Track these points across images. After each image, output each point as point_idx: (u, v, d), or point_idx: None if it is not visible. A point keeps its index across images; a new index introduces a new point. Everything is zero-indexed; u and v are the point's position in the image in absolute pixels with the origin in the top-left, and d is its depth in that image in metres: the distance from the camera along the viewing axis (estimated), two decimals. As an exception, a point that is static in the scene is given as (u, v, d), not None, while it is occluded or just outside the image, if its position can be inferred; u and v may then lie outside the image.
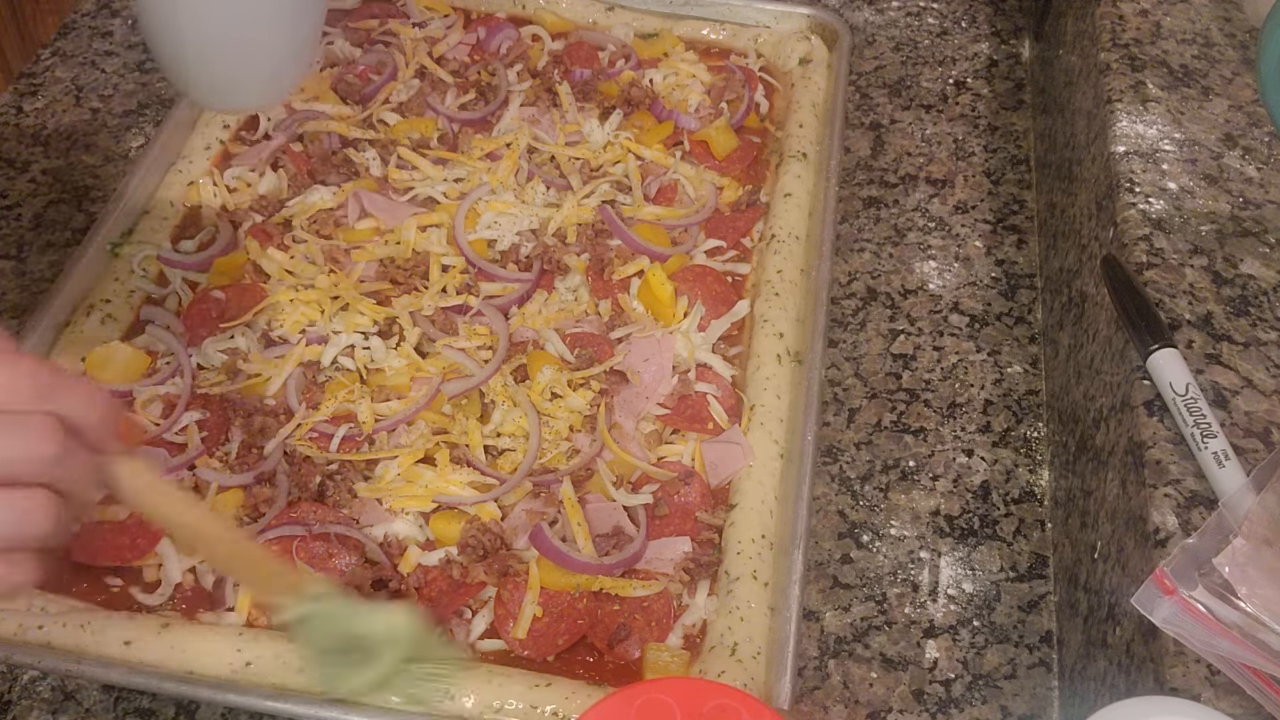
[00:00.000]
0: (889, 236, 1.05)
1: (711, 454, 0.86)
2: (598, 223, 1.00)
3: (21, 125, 1.14)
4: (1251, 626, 0.59)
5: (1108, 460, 0.75)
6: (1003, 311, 1.00)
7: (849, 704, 0.78)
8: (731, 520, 0.82)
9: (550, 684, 0.73)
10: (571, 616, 0.78)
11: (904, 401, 0.94)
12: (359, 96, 1.10)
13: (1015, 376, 0.95)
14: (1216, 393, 0.71)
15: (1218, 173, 0.84)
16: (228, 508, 0.83)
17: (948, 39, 1.23)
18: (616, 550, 0.80)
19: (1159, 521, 0.66)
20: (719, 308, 0.95)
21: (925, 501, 0.88)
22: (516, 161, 1.04)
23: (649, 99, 1.09)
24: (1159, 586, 0.60)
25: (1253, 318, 0.75)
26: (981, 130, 1.14)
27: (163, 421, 0.87)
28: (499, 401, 0.88)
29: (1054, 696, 0.78)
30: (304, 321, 0.92)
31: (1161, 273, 0.78)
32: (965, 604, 0.82)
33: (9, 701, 0.79)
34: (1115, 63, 0.91)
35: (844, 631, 0.81)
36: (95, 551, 0.81)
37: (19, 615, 0.76)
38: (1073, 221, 0.94)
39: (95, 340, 0.92)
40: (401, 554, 0.81)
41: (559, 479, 0.83)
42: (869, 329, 0.98)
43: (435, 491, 0.83)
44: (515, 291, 0.95)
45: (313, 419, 0.87)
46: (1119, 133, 0.86)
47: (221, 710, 0.78)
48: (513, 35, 1.16)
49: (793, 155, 1.04)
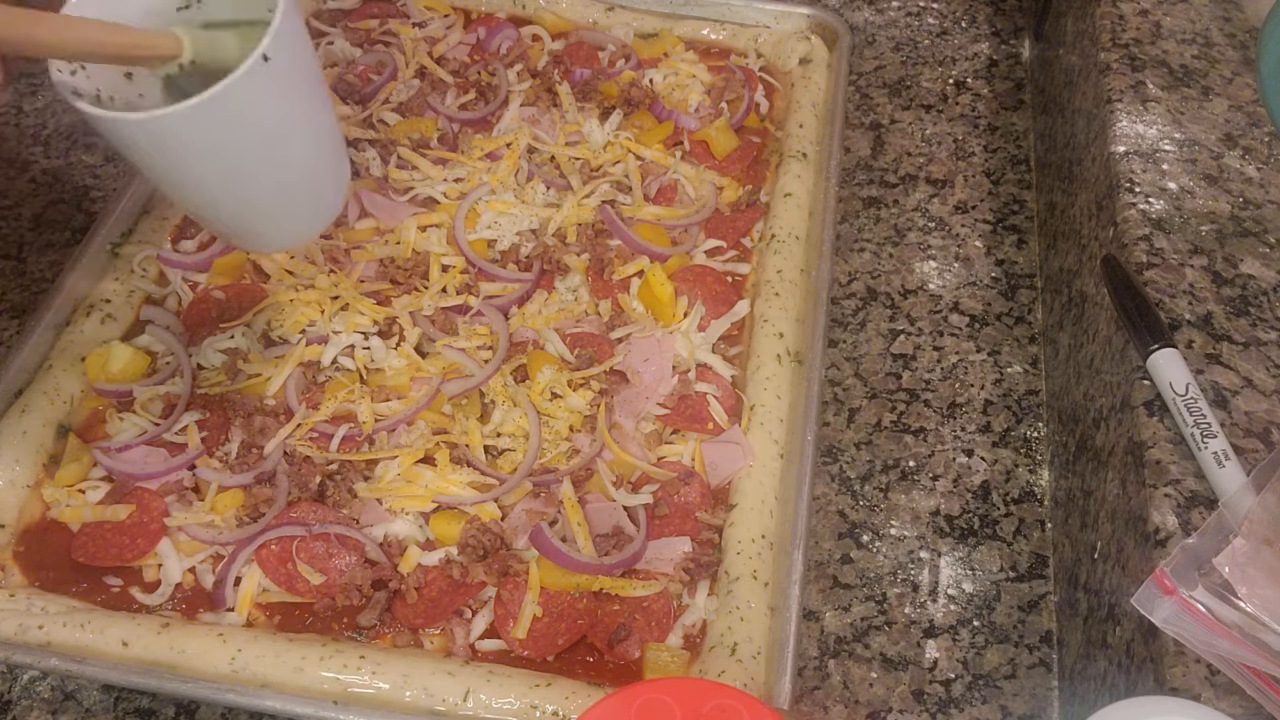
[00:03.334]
0: (889, 236, 1.05)
1: (711, 454, 0.86)
2: (598, 223, 1.00)
3: (21, 125, 1.14)
4: (1251, 626, 0.59)
5: (1108, 460, 0.75)
6: (1003, 311, 1.00)
7: (849, 704, 0.78)
8: (731, 520, 0.82)
9: (550, 684, 0.73)
10: (571, 616, 0.78)
11: (904, 401, 0.94)
12: (359, 96, 1.10)
13: (1015, 376, 0.95)
14: (1216, 393, 0.71)
15: (1218, 173, 0.84)
16: (228, 508, 0.83)
17: (948, 39, 1.23)
18: (616, 550, 0.80)
19: (1159, 521, 0.66)
20: (719, 308, 0.95)
21: (925, 501, 0.88)
22: (516, 161, 1.04)
23: (649, 99, 1.09)
24: (1159, 586, 0.60)
25: (1253, 318, 0.75)
26: (981, 130, 1.14)
27: (163, 421, 0.87)
28: (499, 401, 0.88)
29: (1054, 696, 0.78)
30: (304, 321, 0.92)
31: (1161, 273, 0.78)
32: (965, 604, 0.82)
33: (9, 701, 0.79)
34: (1115, 63, 0.91)
35: (844, 631, 0.81)
36: (95, 551, 0.81)
37: (19, 615, 0.76)
38: (1073, 221, 0.94)
39: (95, 340, 0.92)
40: (401, 554, 0.81)
41: (559, 479, 0.83)
42: (869, 329, 0.98)
43: (435, 491, 0.83)
44: (515, 291, 0.95)
45: (313, 419, 0.87)
46: (1119, 133, 0.86)
47: (221, 710, 0.78)
48: (513, 35, 1.16)
49: (793, 155, 1.04)
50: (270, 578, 0.80)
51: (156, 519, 0.82)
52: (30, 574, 0.81)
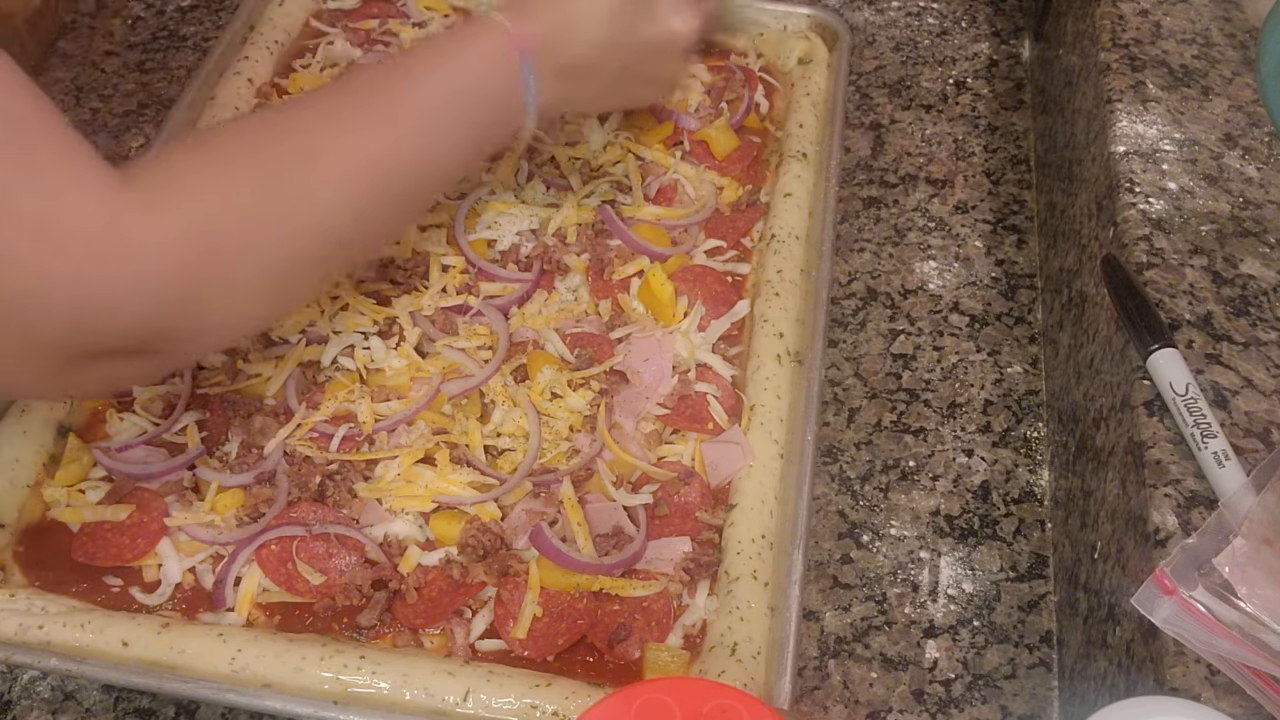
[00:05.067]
0: (889, 236, 1.05)
1: (711, 454, 0.86)
2: (598, 223, 1.00)
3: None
4: (1251, 626, 0.59)
5: (1108, 460, 0.75)
6: (1003, 311, 1.00)
7: (849, 704, 0.78)
8: (731, 520, 0.82)
9: (550, 684, 0.73)
10: (571, 616, 0.78)
11: (904, 401, 0.94)
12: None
13: (1015, 376, 0.95)
14: (1216, 393, 0.71)
15: (1218, 173, 0.84)
16: (228, 508, 0.83)
17: (948, 39, 1.23)
18: (616, 550, 0.80)
19: (1159, 521, 0.66)
20: (719, 308, 0.95)
21: (925, 501, 0.88)
22: (516, 161, 1.04)
23: (649, 99, 1.09)
24: (1159, 586, 0.60)
25: (1253, 318, 0.75)
26: (981, 130, 1.14)
27: (163, 421, 0.87)
28: (499, 401, 0.88)
29: (1054, 696, 0.78)
30: (304, 321, 0.92)
31: (1161, 273, 0.78)
32: (965, 604, 0.82)
33: (9, 701, 0.79)
34: (1115, 63, 0.91)
35: (844, 631, 0.81)
36: (95, 552, 0.81)
37: (19, 615, 0.76)
38: (1073, 221, 0.94)
39: (95, 340, 0.92)
40: (401, 554, 0.81)
41: (559, 479, 0.83)
42: (869, 329, 0.98)
43: (435, 491, 0.83)
44: (515, 291, 0.95)
45: (313, 419, 0.87)
46: (1119, 133, 0.86)
47: (221, 710, 0.78)
48: (513, 35, 1.16)
49: (793, 155, 1.04)
50: (270, 578, 0.80)
51: (156, 519, 0.82)
52: (30, 574, 0.81)
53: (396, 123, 0.75)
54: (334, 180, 0.72)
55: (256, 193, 0.69)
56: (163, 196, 0.65)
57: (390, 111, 0.75)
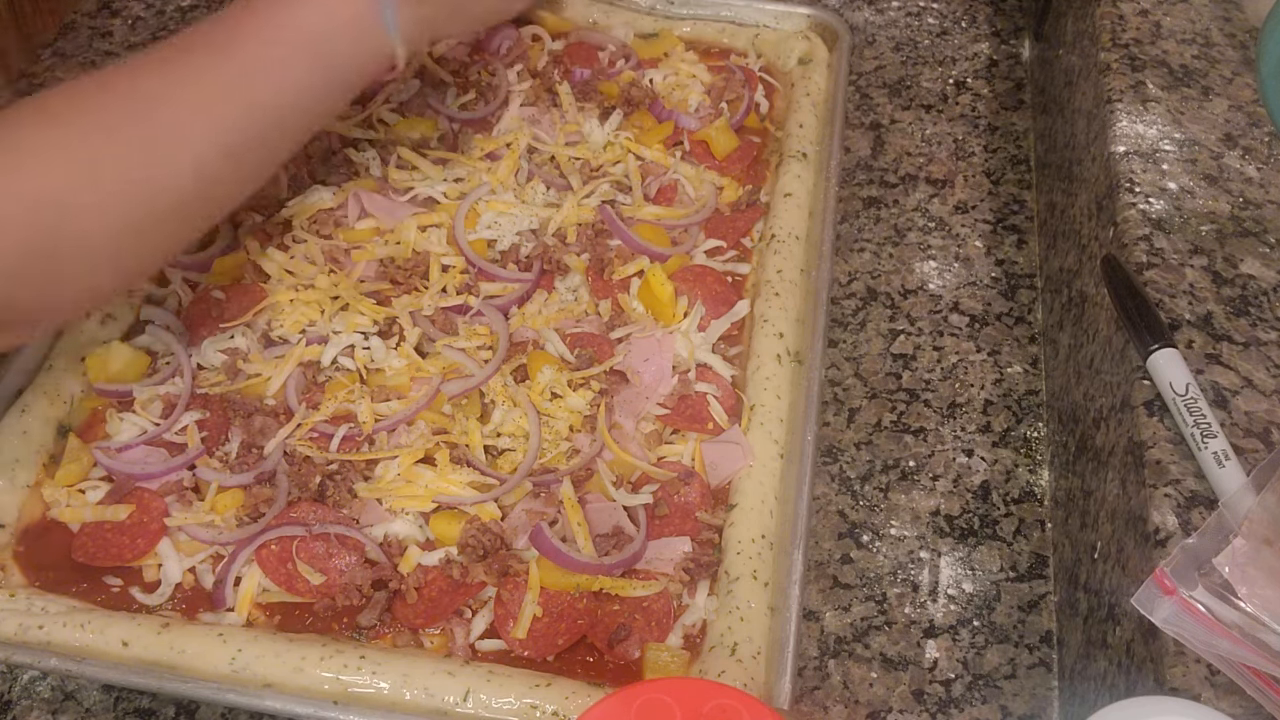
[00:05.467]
0: (889, 236, 1.05)
1: (711, 454, 0.86)
2: (598, 223, 1.00)
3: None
4: (1251, 626, 0.59)
5: (1108, 460, 0.75)
6: (1003, 311, 1.00)
7: (849, 704, 0.78)
8: (731, 520, 0.82)
9: (550, 684, 0.73)
10: (571, 616, 0.78)
11: (904, 401, 0.94)
12: (359, 96, 1.09)
13: (1015, 376, 0.95)
14: (1216, 393, 0.71)
15: (1218, 173, 0.84)
16: (228, 508, 0.83)
17: (948, 39, 1.23)
18: (616, 550, 0.80)
19: (1159, 521, 0.66)
20: (719, 308, 0.95)
21: (925, 501, 0.88)
22: (516, 161, 1.04)
23: (649, 99, 1.09)
24: (1159, 586, 0.60)
25: (1253, 318, 0.75)
26: (981, 130, 1.14)
27: (163, 421, 0.87)
28: (499, 401, 0.88)
29: (1054, 696, 0.78)
30: (304, 321, 0.92)
31: (1161, 273, 0.78)
32: (965, 604, 0.82)
33: (9, 701, 0.79)
34: (1115, 63, 0.91)
35: (844, 631, 0.81)
36: (95, 552, 0.81)
37: (19, 615, 0.76)
38: (1073, 221, 0.94)
39: (95, 340, 0.92)
40: (401, 554, 0.81)
41: (559, 479, 0.83)
42: (869, 329, 0.98)
43: (435, 491, 0.83)
44: (515, 291, 0.95)
45: (313, 419, 0.87)
46: (1119, 133, 0.86)
47: (221, 710, 0.78)
48: (513, 35, 1.16)
49: (793, 155, 1.04)
50: (270, 578, 0.80)
51: (156, 519, 0.82)
52: (30, 574, 0.81)
53: (242, 65, 0.73)
54: (179, 129, 0.70)
55: (101, 149, 0.67)
56: (2, 161, 0.64)
57: (234, 51, 0.73)
